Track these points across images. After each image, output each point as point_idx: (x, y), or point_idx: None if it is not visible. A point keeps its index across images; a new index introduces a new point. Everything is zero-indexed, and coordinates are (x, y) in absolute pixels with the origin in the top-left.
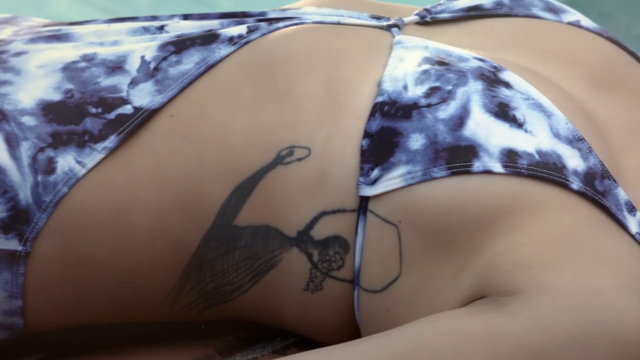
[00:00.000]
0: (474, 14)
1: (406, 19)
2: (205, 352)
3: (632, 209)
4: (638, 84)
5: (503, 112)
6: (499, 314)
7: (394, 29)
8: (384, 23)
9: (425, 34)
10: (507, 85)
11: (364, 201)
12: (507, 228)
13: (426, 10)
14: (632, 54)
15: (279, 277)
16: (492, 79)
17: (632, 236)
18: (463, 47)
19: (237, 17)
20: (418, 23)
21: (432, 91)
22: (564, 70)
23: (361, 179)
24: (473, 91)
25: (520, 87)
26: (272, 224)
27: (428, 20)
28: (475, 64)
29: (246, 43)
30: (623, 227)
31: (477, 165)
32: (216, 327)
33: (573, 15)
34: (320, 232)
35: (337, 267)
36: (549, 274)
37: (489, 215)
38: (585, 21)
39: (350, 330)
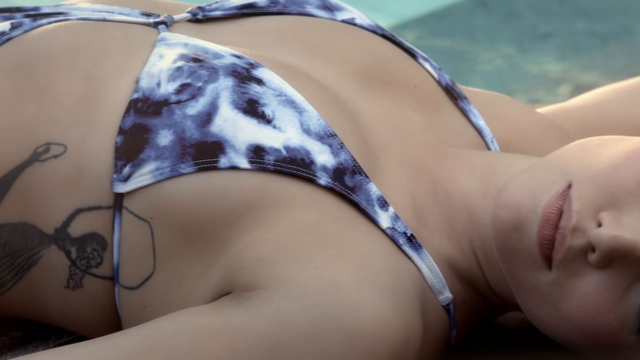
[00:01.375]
0: (247, 11)
1: (177, 17)
2: None
3: (384, 204)
4: (410, 80)
5: (252, 109)
6: (239, 309)
7: (161, 26)
8: (152, 20)
9: (196, 32)
10: (260, 81)
11: (119, 198)
12: (253, 224)
13: (199, 8)
14: (408, 50)
15: (40, 274)
16: (244, 76)
17: (383, 231)
18: (233, 45)
19: (12, 11)
20: (190, 20)
21: (183, 88)
22: (331, 68)
23: (115, 176)
24: (223, 87)
25: (273, 84)
26: (30, 221)
27: (200, 18)
28: (229, 60)
29: (8, 40)
30: (373, 221)
31: (223, 161)
32: None
33: (349, 13)
34: (77, 229)
35: (96, 264)
36: (290, 268)
37: (235, 211)
38: (361, 19)
39: (114, 327)
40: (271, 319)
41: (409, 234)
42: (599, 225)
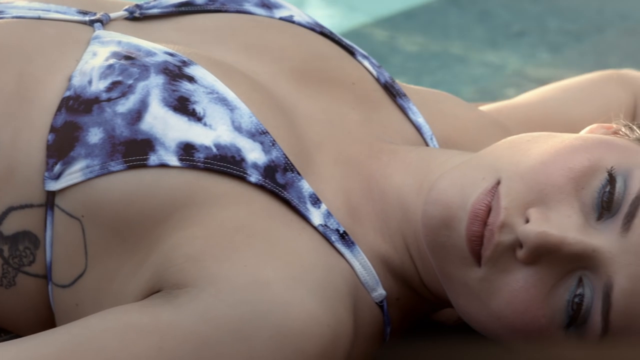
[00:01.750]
0: (184, 9)
1: (113, 15)
2: None
3: (316, 202)
4: (348, 78)
5: (182, 106)
6: (168, 307)
7: (97, 24)
8: (88, 18)
9: (133, 30)
10: (191, 79)
11: (51, 196)
12: (183, 221)
13: (137, 6)
14: (347, 48)
15: None
16: (175, 73)
17: (315, 228)
18: (169, 42)
19: None
20: (128, 19)
21: (113, 85)
22: (267, 65)
23: (46, 174)
24: (153, 85)
25: (205, 82)
26: None
27: (137, 16)
28: (162, 58)
29: None
30: (305, 219)
31: (153, 159)
32: None
33: (287, 10)
34: (9, 227)
35: (29, 262)
36: (220, 266)
37: (165, 209)
38: (300, 16)
39: (49, 325)
40: (199, 316)
41: (341, 231)
42: (527, 221)
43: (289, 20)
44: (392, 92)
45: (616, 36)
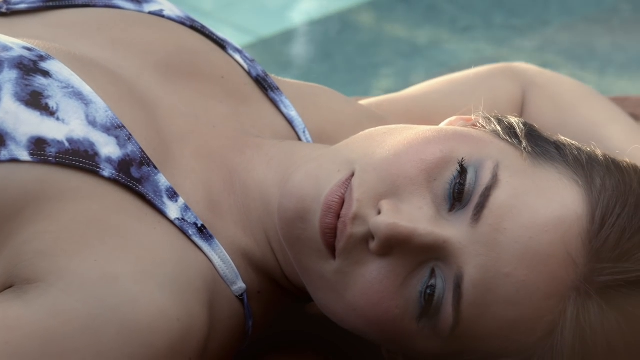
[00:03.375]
0: (52, 4)
1: None
2: None
3: (173, 195)
4: (217, 71)
5: (35, 101)
6: (17, 302)
7: None
8: None
9: (1, 25)
10: (46, 74)
11: None
12: (35, 216)
13: (5, 1)
14: (218, 42)
15: None
16: (30, 68)
17: (171, 222)
18: (34, 38)
19: None
20: None
21: None
22: (133, 60)
23: None
24: (6, 80)
25: (61, 76)
26: None
27: (4, 12)
28: (17, 53)
29: None
30: (161, 213)
31: (3, 154)
32: None
33: (157, 4)
34: None
35: None
36: (70, 261)
37: (16, 204)
38: (171, 10)
39: None
40: (48, 311)
41: (199, 225)
42: (379, 213)
43: (158, 14)
44: (264, 85)
45: (556, 31)
